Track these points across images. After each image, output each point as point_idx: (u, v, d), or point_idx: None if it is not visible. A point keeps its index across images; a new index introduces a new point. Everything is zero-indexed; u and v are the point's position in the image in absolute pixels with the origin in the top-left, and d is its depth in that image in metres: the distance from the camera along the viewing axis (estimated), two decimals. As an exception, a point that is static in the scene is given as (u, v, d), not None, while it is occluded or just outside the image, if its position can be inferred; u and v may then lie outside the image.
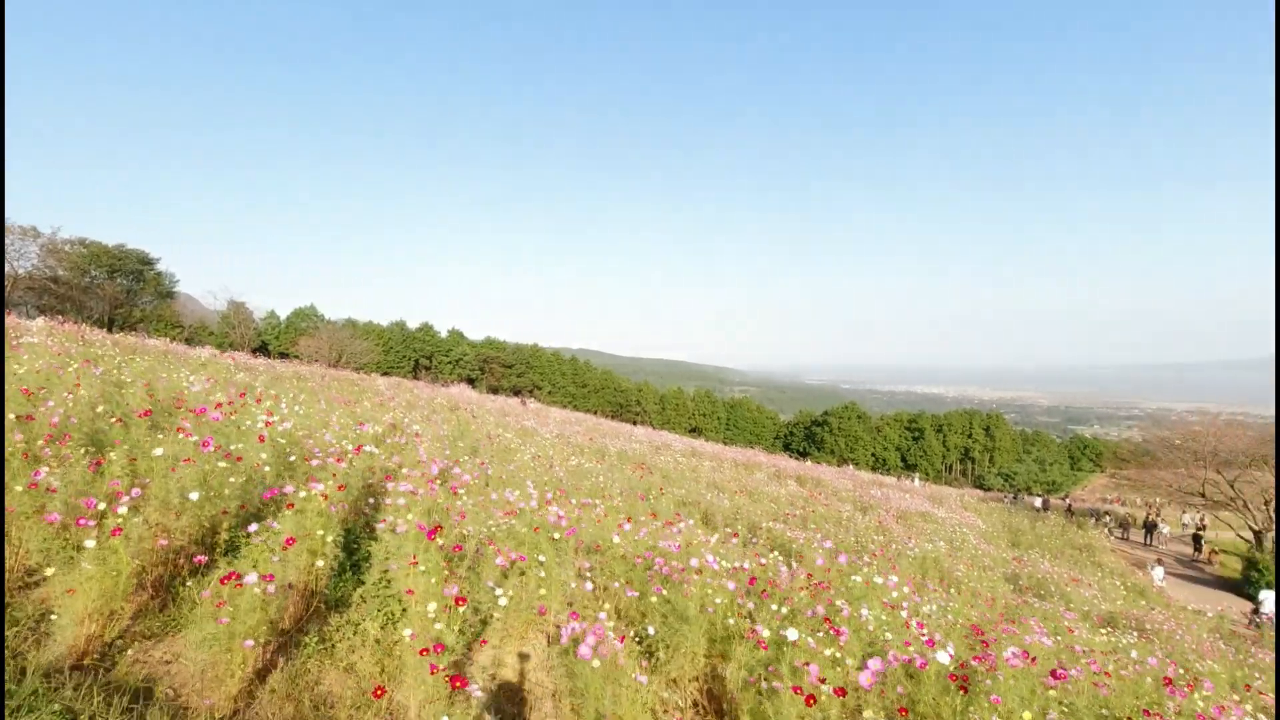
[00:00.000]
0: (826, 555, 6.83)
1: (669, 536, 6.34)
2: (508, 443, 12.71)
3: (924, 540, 13.86)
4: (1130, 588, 16.76)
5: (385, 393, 22.85)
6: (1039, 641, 6.23)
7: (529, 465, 9.90)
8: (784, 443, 79.65)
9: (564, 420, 31.47)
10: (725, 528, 11.01)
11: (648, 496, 9.83)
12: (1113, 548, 25.96)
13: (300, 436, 6.20)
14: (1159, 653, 9.03)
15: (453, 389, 43.77)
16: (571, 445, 18.50)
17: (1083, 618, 10.53)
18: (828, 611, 4.17)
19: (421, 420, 13.86)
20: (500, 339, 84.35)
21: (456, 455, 8.87)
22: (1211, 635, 11.55)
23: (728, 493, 15.29)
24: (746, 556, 6.09)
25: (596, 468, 12.41)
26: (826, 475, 29.45)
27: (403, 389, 29.71)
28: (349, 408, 11.53)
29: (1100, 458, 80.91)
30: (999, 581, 11.86)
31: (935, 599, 7.23)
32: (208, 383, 9.92)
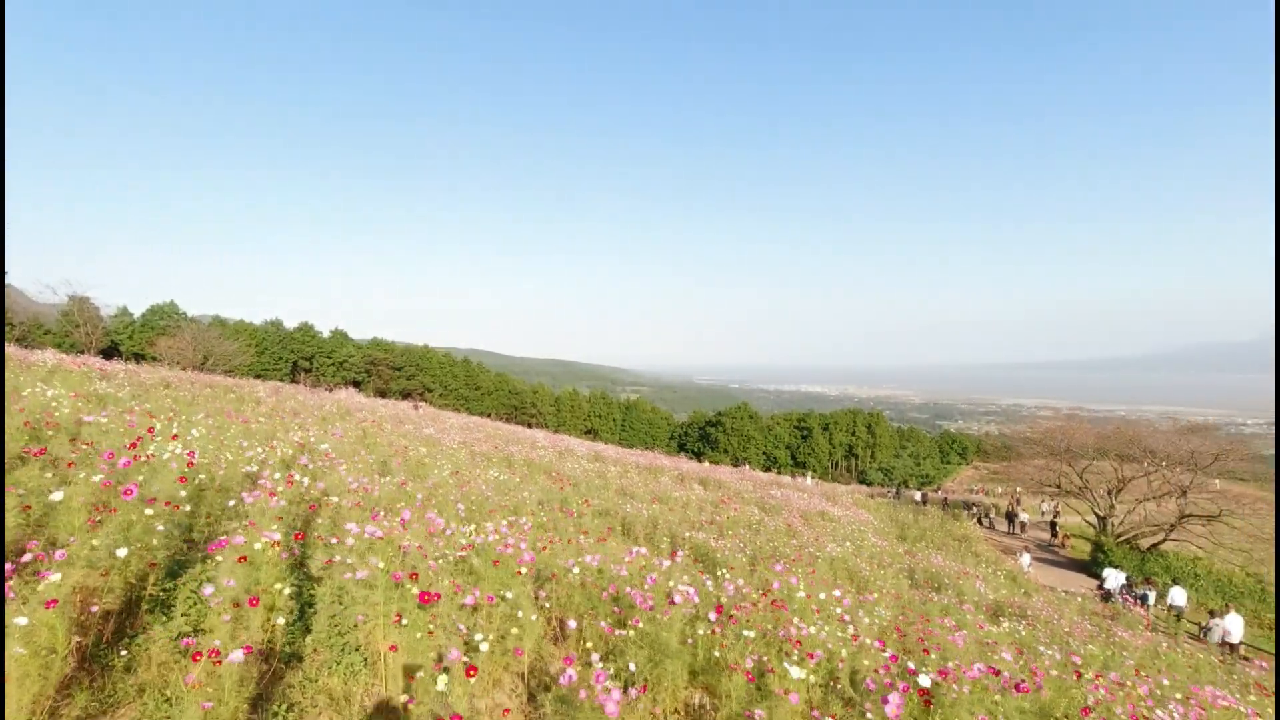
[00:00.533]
0: (761, 567, 6.96)
1: (613, 556, 6.27)
2: (420, 456, 12.14)
3: (829, 541, 14.46)
4: (1005, 575, 18.23)
5: (268, 400, 21.28)
6: (953, 641, 6.64)
7: (449, 482, 9.50)
8: (679, 443, 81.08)
9: (463, 426, 30.53)
10: (653, 540, 11.05)
11: (576, 512, 9.67)
12: (984, 537, 28.13)
13: (207, 464, 5.64)
14: (1043, 638, 9.89)
15: (340, 394, 41.41)
16: (478, 454, 17.97)
17: (976, 609, 11.31)
18: (795, 634, 4.23)
19: (317, 428, 13.06)
20: (387, 339, 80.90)
21: (370, 474, 8.39)
22: (1080, 617, 12.74)
23: (640, 500, 15.33)
24: (688, 574, 6.10)
25: (515, 481, 12.09)
26: (726, 477, 30.17)
27: (286, 395, 27.84)
28: (243, 424, 10.64)
29: (966, 451, 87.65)
30: (900, 578, 12.55)
31: (866, 606, 7.53)
32: (74, 398, 8.87)
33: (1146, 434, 29.13)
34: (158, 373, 23.79)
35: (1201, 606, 23.44)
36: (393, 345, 75.78)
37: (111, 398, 12.06)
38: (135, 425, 6.53)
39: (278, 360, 64.77)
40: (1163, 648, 11.20)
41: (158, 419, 7.96)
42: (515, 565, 4.15)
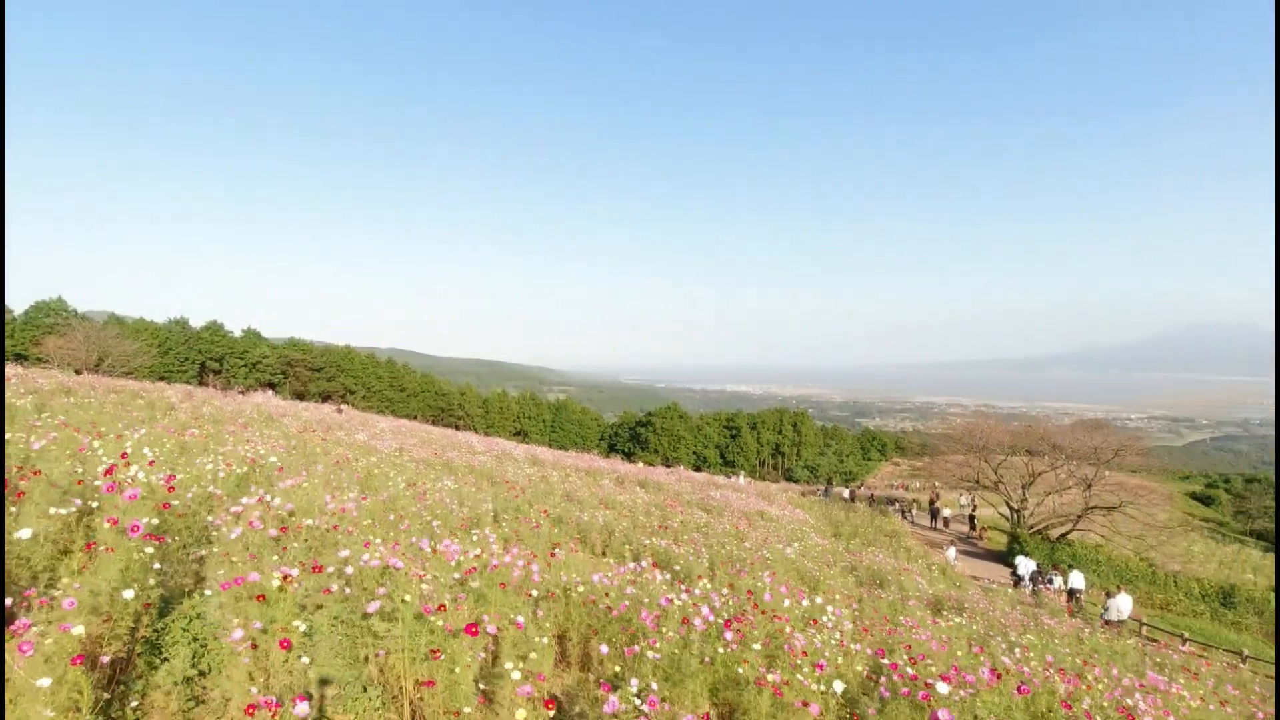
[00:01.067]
0: (721, 572, 7.04)
1: (581, 568, 6.22)
2: (368, 466, 11.70)
3: (775, 541, 14.78)
4: (938, 569, 19.10)
5: (181, 406, 20.02)
6: (921, 640, 6.91)
7: (406, 495, 9.17)
8: (609, 444, 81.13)
9: (394, 430, 29.59)
10: (612, 548, 11.01)
11: (537, 523, 9.52)
12: (910, 531, 29.35)
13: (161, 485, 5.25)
14: (979, 627, 10.42)
15: (257, 397, 39.38)
16: (420, 461, 17.47)
17: (919, 603, 11.80)
18: (798, 643, 4.31)
19: (259, 440, 12.40)
20: (304, 339, 77.56)
21: (333, 490, 8.01)
22: (1011, 607, 13.49)
23: (588, 505, 15.26)
24: (672, 589, 6.12)
25: (469, 490, 11.80)
26: (663, 478, 30.35)
27: (200, 400, 26.29)
28: (177, 438, 9.98)
29: (885, 448, 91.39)
30: (847, 576, 12.97)
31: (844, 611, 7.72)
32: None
33: (1054, 431, 31.20)
34: (52, 376, 22.03)
35: (1094, 588, 25.27)
36: (310, 345, 72.77)
37: (18, 409, 11.10)
38: (78, 445, 6.02)
39: (184, 361, 61.12)
40: (1085, 633, 11.99)
41: (82, 433, 7.37)
42: (527, 586, 4.06)
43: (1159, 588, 29.57)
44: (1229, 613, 30.32)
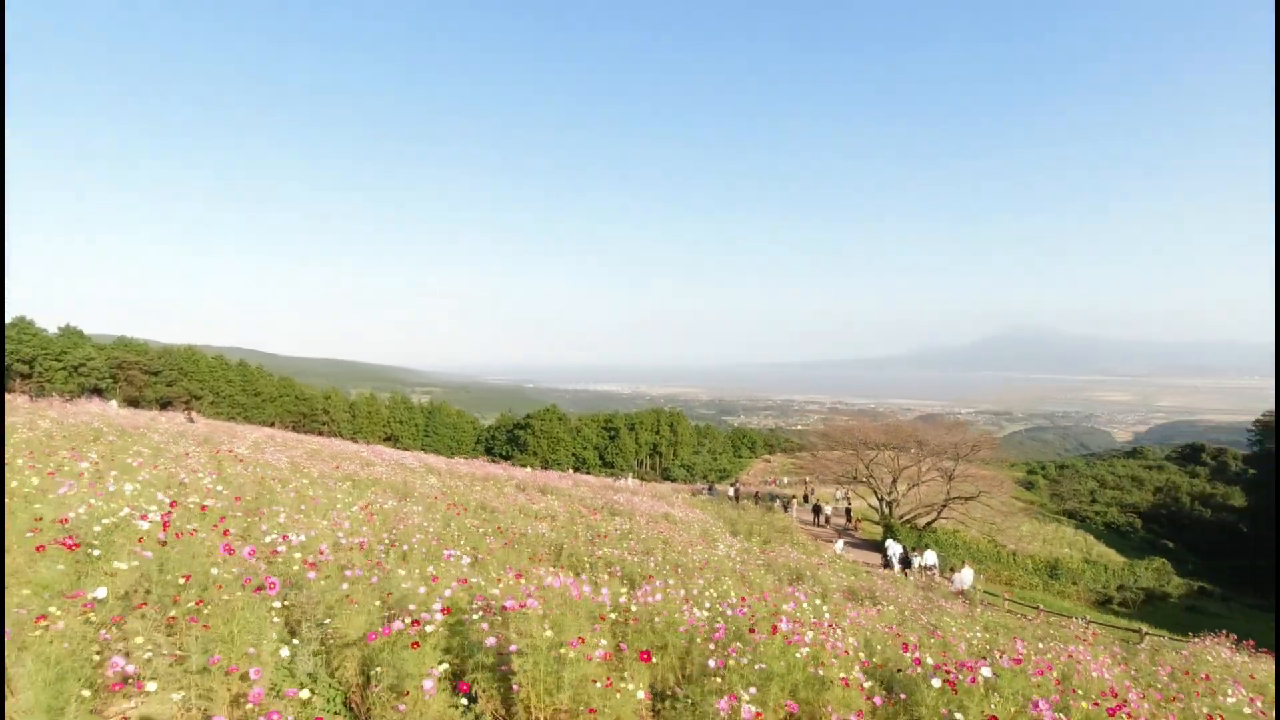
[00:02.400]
0: (675, 580, 7.36)
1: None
2: (301, 488, 10.97)
3: (698, 544, 15.33)
4: (844, 563, 20.52)
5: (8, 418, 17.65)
6: (888, 630, 7.58)
7: (359, 517, 8.73)
8: (486, 447, 79.46)
9: (270, 441, 27.50)
10: (563, 561, 11.00)
11: (508, 540, 9.38)
12: (798, 527, 31.16)
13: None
14: (894, 610, 11.46)
15: (91, 406, 35.24)
16: (326, 476, 16.47)
17: (841, 597, 12.72)
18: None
19: (129, 455, 11.27)
20: (136, 338, 69.83)
21: (314, 517, 7.51)
22: (913, 593, 14.82)
23: (510, 515, 15.12)
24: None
25: (418, 510, 11.34)
26: (559, 483, 30.33)
27: (29, 410, 23.24)
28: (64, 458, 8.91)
29: (755, 446, 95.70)
30: (768, 575, 13.70)
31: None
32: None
33: (920, 429, 34.37)
34: None
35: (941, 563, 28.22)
36: (145, 346, 65.66)
37: None
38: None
39: (-18, 364, 53.24)
40: (976, 612, 13.46)
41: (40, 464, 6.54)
42: (600, 609, 4.14)
43: (1003, 565, 33.24)
44: (1055, 583, 34.63)
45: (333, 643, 3.62)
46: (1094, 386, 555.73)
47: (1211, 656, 10.63)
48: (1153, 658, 10.67)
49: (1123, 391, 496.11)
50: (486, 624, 3.64)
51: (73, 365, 55.18)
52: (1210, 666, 9.42)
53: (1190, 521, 67.91)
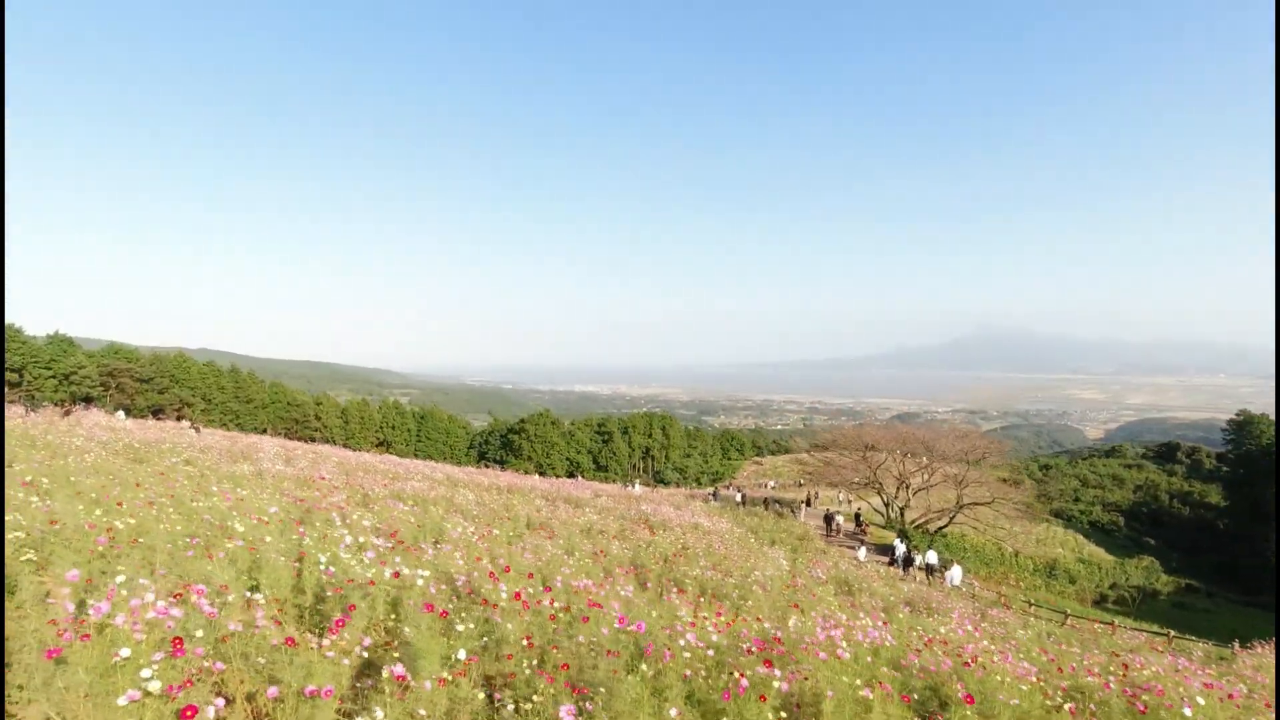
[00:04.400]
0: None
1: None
2: (403, 514, 11.13)
3: (750, 559, 15.70)
4: (879, 569, 21.03)
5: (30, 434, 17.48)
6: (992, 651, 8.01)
7: (482, 551, 8.96)
8: (479, 452, 79.22)
9: (290, 453, 27.38)
10: (652, 581, 11.29)
11: (603, 567, 9.68)
12: (816, 534, 31.66)
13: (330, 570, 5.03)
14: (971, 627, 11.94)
15: (93, 415, 34.78)
16: (374, 496, 16.56)
17: (902, 608, 13.18)
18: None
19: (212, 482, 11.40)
20: (127, 344, 68.86)
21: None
22: (963, 602, 15.35)
23: (562, 532, 15.36)
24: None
25: (517, 535, 11.58)
26: (578, 491, 30.45)
27: (30, 424, 22.97)
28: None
29: (744, 448, 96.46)
30: (831, 588, 14.12)
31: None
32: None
33: (930, 436, 35.10)
34: None
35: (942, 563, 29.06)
36: (135, 352, 64.67)
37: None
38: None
39: (-28, 374, 52.08)
40: (1031, 621, 14.03)
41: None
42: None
43: (1007, 567, 34.10)
44: (1054, 583, 35.65)
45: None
46: (1065, 385, 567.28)
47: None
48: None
49: (1093, 390, 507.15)
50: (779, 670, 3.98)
51: (63, 374, 54.18)
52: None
53: (1169, 519, 69.94)
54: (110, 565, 4.59)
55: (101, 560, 4.92)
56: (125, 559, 5.02)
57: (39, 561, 4.52)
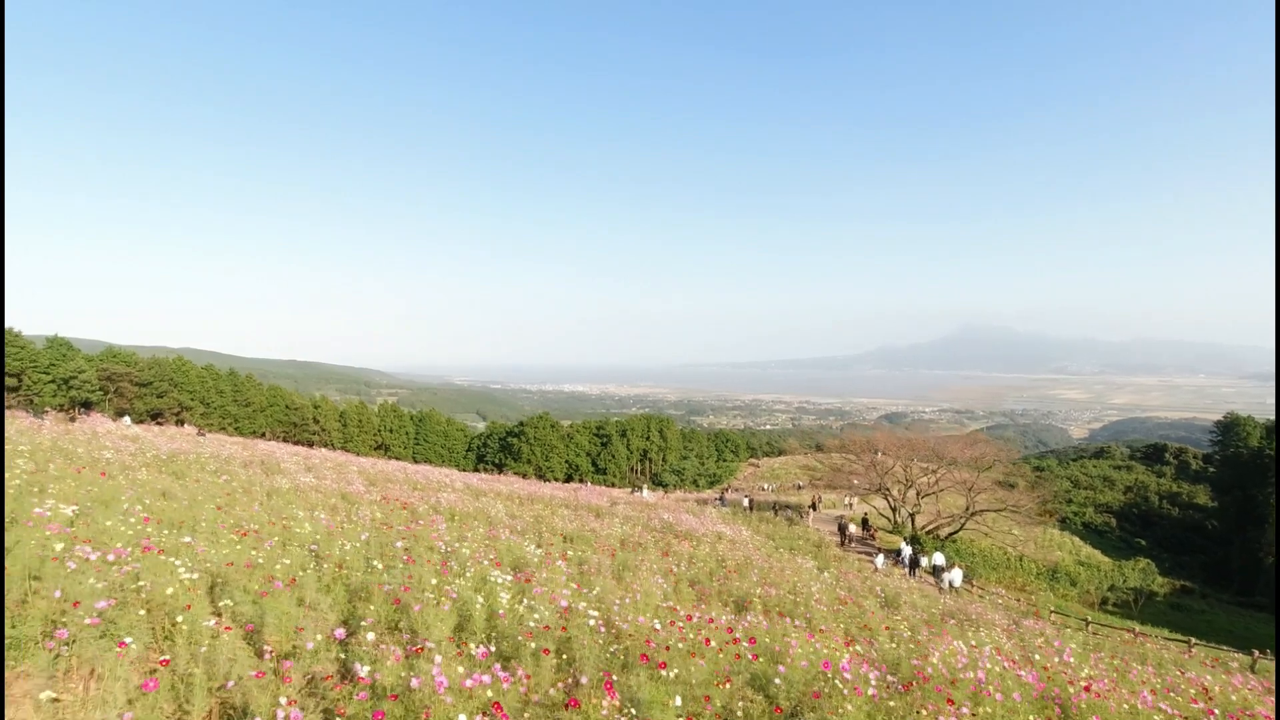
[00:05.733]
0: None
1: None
2: (506, 546, 11.35)
3: (787, 569, 16.05)
4: (909, 580, 21.44)
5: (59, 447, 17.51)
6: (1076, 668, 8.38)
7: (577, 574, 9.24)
8: (478, 455, 79.21)
9: (323, 464, 27.40)
10: (718, 597, 11.61)
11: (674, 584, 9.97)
12: (829, 541, 32.06)
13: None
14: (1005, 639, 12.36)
15: (94, 420, 34.64)
16: (394, 505, 16.76)
17: (940, 619, 13.58)
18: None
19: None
20: (125, 349, 68.30)
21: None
22: (993, 611, 15.77)
23: (604, 547, 15.63)
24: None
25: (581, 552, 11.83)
26: (596, 499, 30.64)
27: (47, 434, 22.94)
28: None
29: (739, 450, 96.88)
30: (873, 600, 14.50)
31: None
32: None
33: (940, 442, 35.65)
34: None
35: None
36: (133, 356, 64.21)
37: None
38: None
39: (-37, 378, 51.45)
40: (1066, 632, 14.48)
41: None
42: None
43: (1013, 570, 34.74)
44: (1057, 586, 36.34)
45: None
46: (1049, 385, 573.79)
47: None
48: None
49: (1077, 389, 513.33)
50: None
51: (62, 378, 53.70)
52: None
53: (1159, 520, 71.21)
54: (306, 614, 4.83)
55: (278, 602, 5.16)
56: (299, 604, 5.26)
57: (253, 620, 4.73)
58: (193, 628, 4.06)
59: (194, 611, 4.20)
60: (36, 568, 5.24)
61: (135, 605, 4.52)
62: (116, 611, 4.34)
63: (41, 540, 5.97)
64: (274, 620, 4.57)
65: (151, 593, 4.70)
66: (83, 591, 4.60)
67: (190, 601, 4.42)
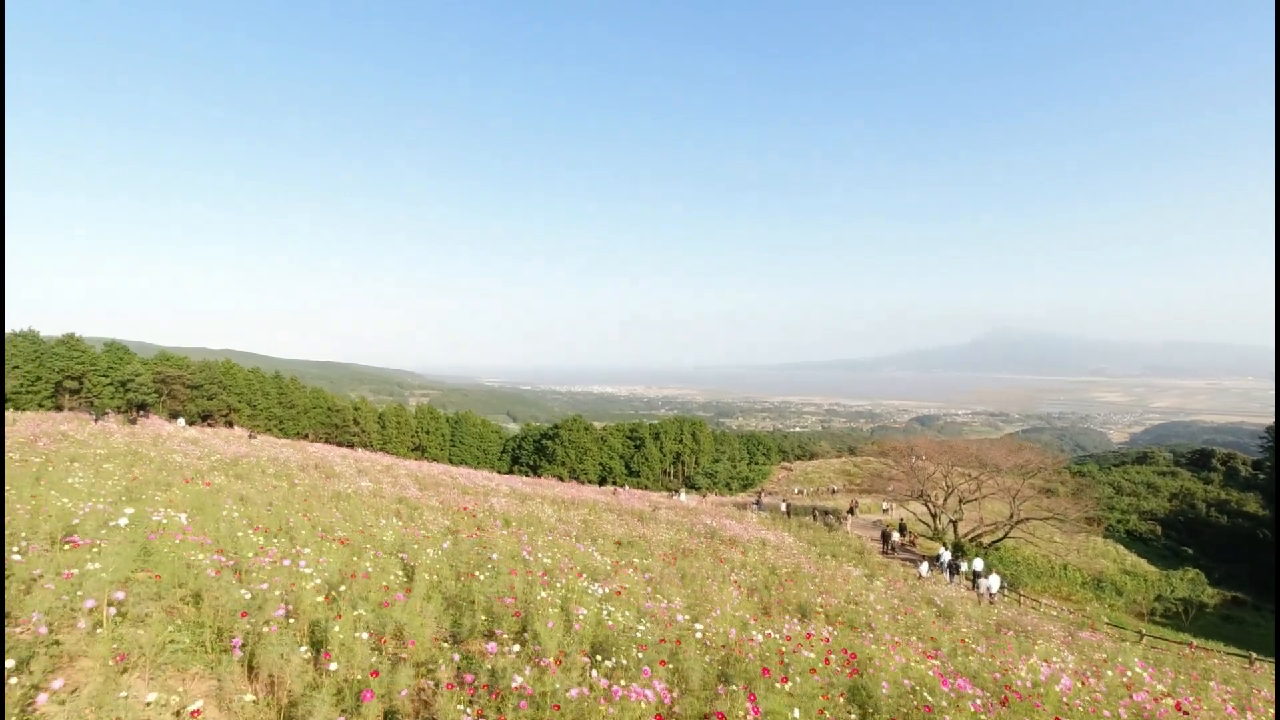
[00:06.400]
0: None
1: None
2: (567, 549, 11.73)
3: (838, 577, 16.19)
4: (961, 589, 21.44)
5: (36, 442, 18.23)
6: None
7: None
8: (512, 457, 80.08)
9: (386, 471, 28.12)
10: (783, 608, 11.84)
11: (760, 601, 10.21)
12: (871, 547, 32.01)
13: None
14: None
15: (158, 424, 35.98)
16: (457, 512, 17.23)
17: (996, 630, 13.63)
18: None
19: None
20: (176, 353, 70.61)
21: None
22: (1045, 622, 15.74)
23: (656, 552, 15.92)
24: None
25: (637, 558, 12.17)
26: (636, 503, 31.07)
27: (125, 439, 23.93)
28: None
29: (770, 453, 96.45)
30: (929, 610, 14.58)
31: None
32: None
33: (983, 449, 35.37)
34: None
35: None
36: (185, 360, 66.30)
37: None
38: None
39: (34, 381, 53.57)
40: (1126, 644, 14.42)
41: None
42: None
43: (1061, 581, 34.32)
44: (1103, 596, 35.76)
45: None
46: (1087, 387, 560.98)
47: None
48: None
49: (1117, 392, 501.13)
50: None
51: (120, 381, 55.74)
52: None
53: (1207, 528, 69.38)
54: (428, 623, 5.20)
55: (402, 612, 5.53)
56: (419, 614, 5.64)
57: (381, 629, 5.11)
58: (347, 637, 4.43)
59: (344, 621, 4.57)
60: (183, 575, 5.68)
61: (284, 614, 4.92)
62: (270, 618, 4.74)
63: (173, 548, 6.44)
64: (411, 629, 4.93)
65: (296, 602, 5.10)
66: (235, 601, 5.01)
67: (340, 611, 4.79)
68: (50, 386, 54.86)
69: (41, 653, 3.97)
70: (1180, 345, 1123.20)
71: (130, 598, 4.98)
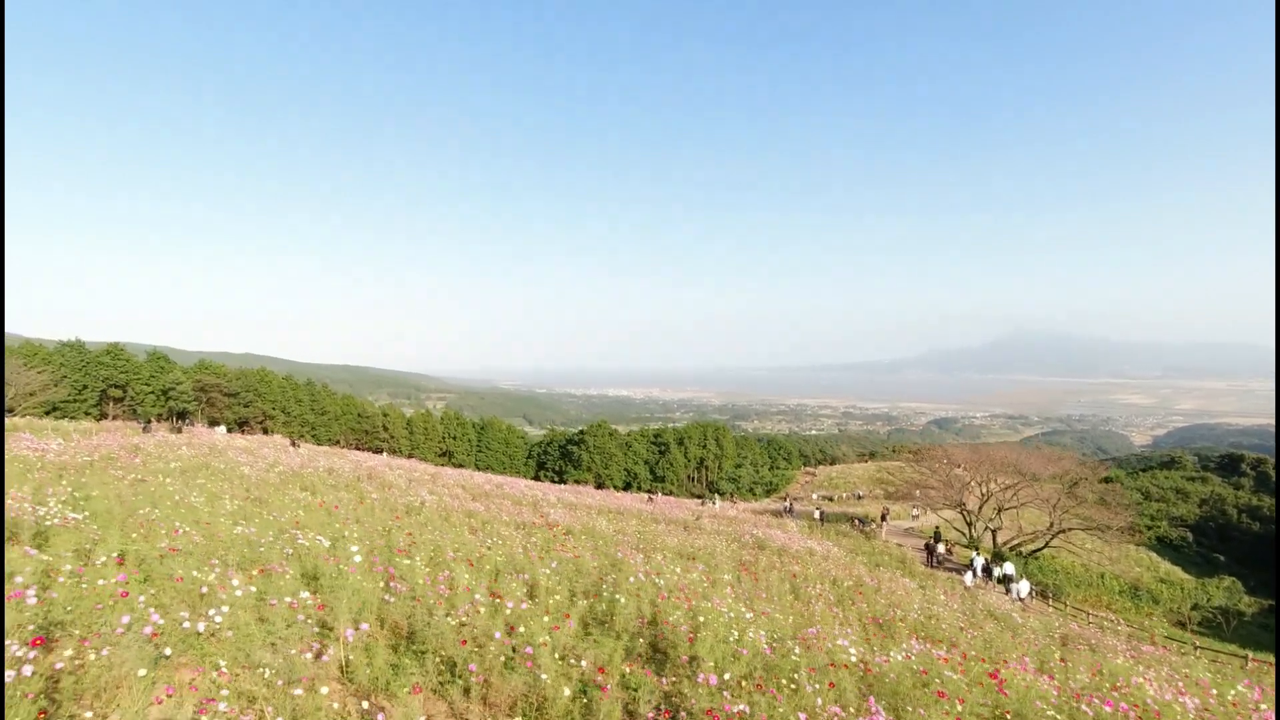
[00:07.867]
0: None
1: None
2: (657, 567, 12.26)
3: (898, 591, 16.56)
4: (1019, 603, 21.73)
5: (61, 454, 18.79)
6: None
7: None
8: (538, 462, 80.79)
9: (405, 472, 28.81)
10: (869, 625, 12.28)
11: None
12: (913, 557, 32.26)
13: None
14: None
15: (203, 433, 36.91)
16: (524, 525, 17.77)
17: (1061, 642, 13.98)
18: None
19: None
20: (214, 361, 72.10)
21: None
22: (1120, 639, 16.03)
23: (727, 566, 16.37)
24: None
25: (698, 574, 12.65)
26: (676, 511, 31.50)
27: (175, 445, 24.66)
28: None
29: (792, 457, 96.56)
30: (997, 627, 14.93)
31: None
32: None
33: (1020, 457, 35.51)
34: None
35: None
36: (222, 368, 67.69)
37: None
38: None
39: (81, 390, 54.97)
40: (1190, 658, 14.68)
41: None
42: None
43: (1100, 589, 34.40)
44: (1140, 605, 35.76)
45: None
46: (1108, 389, 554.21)
47: None
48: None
49: (1139, 394, 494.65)
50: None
51: (161, 389, 57.13)
52: None
53: (1238, 534, 68.70)
54: (591, 646, 5.74)
55: (568, 636, 6.07)
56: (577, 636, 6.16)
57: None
58: (549, 661, 4.97)
59: (547, 648, 5.10)
60: (375, 606, 6.23)
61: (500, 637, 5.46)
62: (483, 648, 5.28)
63: (338, 574, 6.97)
64: (587, 652, 5.47)
65: (491, 628, 5.64)
66: (445, 628, 5.56)
67: (531, 638, 5.34)
68: (95, 395, 56.28)
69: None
70: (1204, 346, 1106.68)
71: (339, 625, 5.53)
